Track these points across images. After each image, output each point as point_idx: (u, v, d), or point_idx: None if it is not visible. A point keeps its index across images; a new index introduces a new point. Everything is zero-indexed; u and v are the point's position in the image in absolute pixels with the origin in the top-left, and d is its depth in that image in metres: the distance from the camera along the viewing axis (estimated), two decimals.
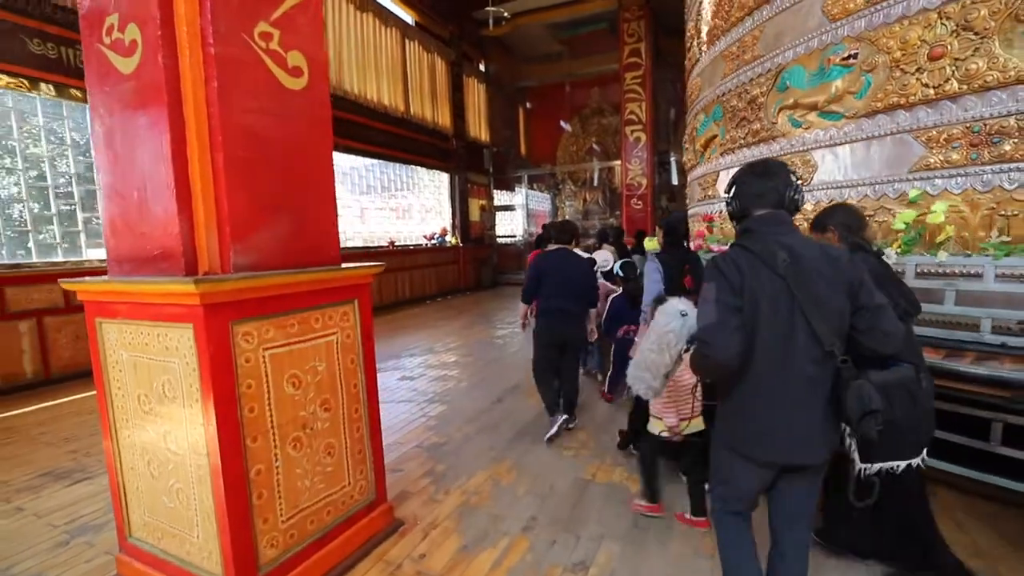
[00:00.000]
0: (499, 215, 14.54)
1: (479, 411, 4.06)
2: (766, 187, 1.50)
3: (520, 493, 2.79)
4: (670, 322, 1.81)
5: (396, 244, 10.47)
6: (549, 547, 2.31)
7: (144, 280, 1.74)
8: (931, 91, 2.90)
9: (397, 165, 10.93)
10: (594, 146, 14.22)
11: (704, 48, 4.98)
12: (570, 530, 2.44)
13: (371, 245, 10.07)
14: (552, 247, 3.71)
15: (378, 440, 2.41)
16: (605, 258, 4.83)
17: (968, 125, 2.76)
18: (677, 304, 1.87)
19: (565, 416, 3.53)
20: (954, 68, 2.80)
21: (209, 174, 1.72)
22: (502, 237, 14.60)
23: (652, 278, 3.00)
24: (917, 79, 2.96)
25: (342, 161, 9.30)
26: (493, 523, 2.51)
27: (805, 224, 2.97)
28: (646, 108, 10.43)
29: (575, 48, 13.90)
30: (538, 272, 3.50)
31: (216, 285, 1.62)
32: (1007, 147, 2.64)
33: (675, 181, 12.29)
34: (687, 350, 1.52)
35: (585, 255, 4.27)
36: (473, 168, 13.11)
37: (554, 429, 3.44)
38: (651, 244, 6.05)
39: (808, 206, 3.44)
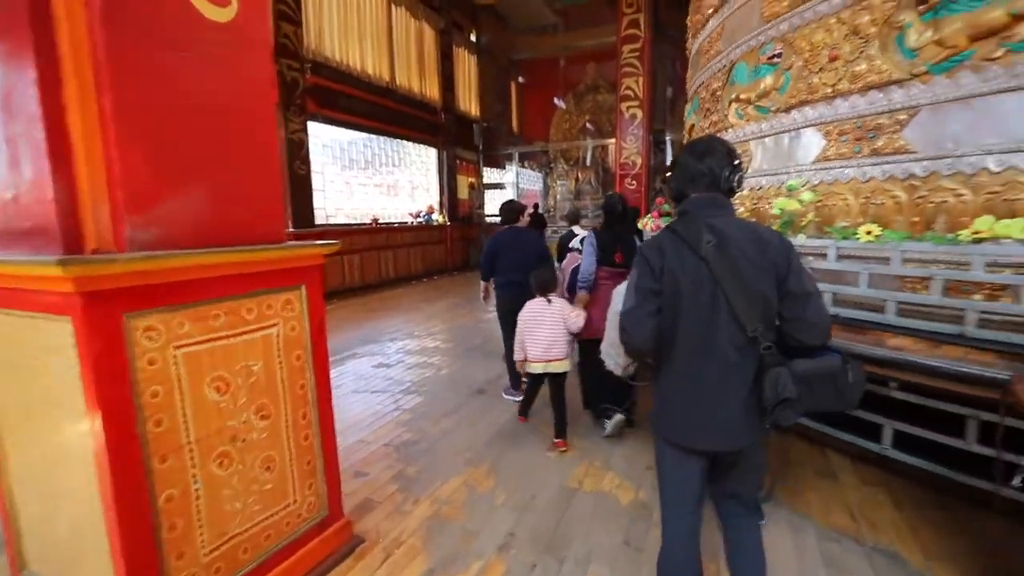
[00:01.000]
0: (488, 193, 14.08)
1: (458, 404, 3.74)
2: (699, 169, 1.45)
3: (498, 503, 2.48)
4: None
5: (380, 222, 10.02)
6: (528, 572, 2.01)
7: (8, 260, 1.36)
8: (829, 89, 3.22)
9: (384, 139, 10.39)
10: (587, 125, 13.72)
11: (692, 40, 5.26)
12: (553, 551, 2.13)
13: (353, 222, 9.61)
14: (504, 227, 3.96)
15: (331, 448, 2.07)
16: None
17: (854, 121, 3.08)
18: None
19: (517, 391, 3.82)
20: (845, 69, 3.11)
21: (95, 124, 1.33)
22: (491, 216, 14.15)
23: (587, 251, 3.20)
24: (819, 78, 3.28)
25: (321, 132, 8.77)
26: (466, 541, 2.20)
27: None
28: (643, 84, 9.95)
29: (571, 19, 13.28)
30: (492, 251, 3.81)
31: (97, 267, 1.25)
32: (880, 142, 2.94)
33: (669, 162, 11.88)
34: None
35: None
36: (462, 143, 12.59)
37: (510, 399, 3.83)
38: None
39: (745, 192, 3.98)
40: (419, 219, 11.11)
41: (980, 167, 2.56)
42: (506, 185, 14.12)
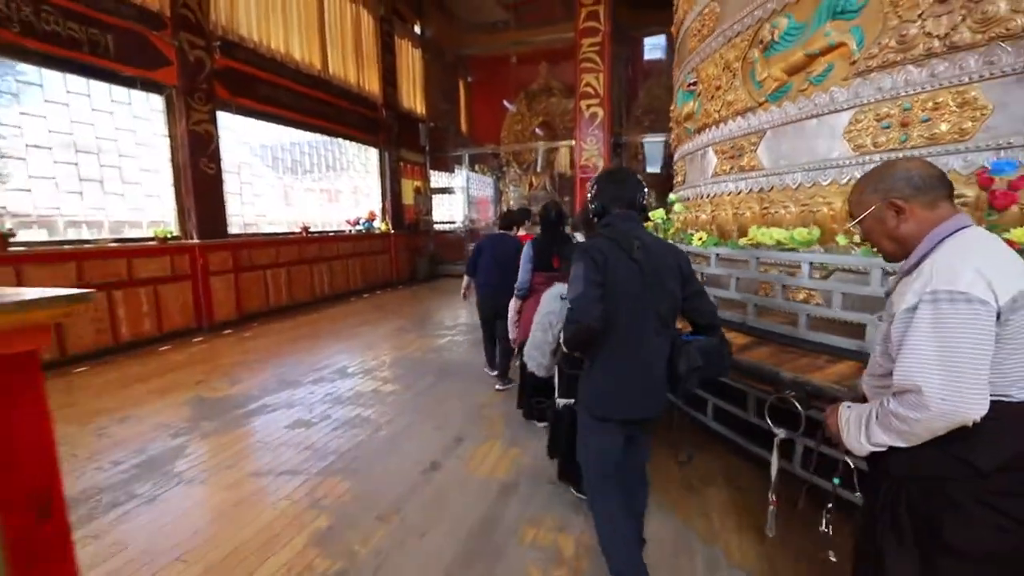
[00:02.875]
0: (436, 199, 12.90)
1: (402, 492, 2.60)
2: (621, 191, 1.80)
3: None
4: (550, 304, 2.06)
5: (312, 230, 8.61)
6: None
7: None
8: (716, 115, 3.59)
9: (316, 137, 9.01)
10: (536, 130, 12.82)
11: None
12: None
13: (280, 231, 8.17)
14: (497, 231, 4.27)
15: None
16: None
17: (730, 142, 3.45)
18: (558, 288, 2.09)
19: (497, 374, 4.19)
20: (723, 98, 3.48)
21: None
22: (440, 223, 12.98)
23: (523, 261, 3.29)
24: (711, 105, 3.68)
25: (237, 126, 7.32)
26: None
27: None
28: (604, 80, 9.15)
29: (523, 17, 12.41)
30: (477, 251, 4.13)
31: None
32: (744, 160, 3.30)
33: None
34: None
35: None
36: (406, 144, 11.36)
37: (494, 378, 4.23)
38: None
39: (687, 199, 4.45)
40: (358, 227, 9.77)
41: (799, 182, 2.88)
42: (456, 190, 12.99)
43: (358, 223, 9.80)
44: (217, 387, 4.29)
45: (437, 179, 12.87)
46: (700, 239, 3.35)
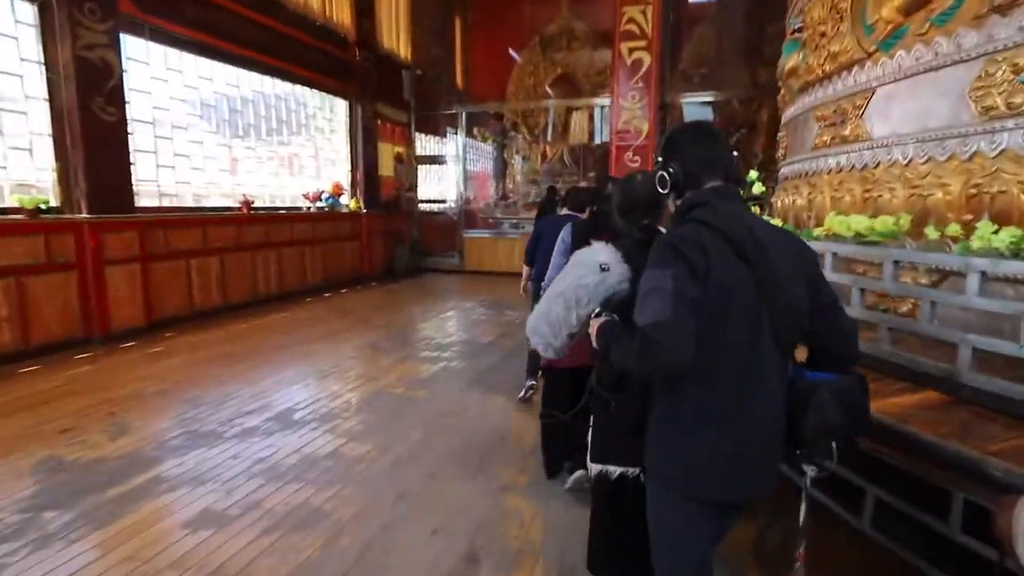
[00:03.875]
0: (423, 170, 11.96)
1: None
2: (715, 154, 1.47)
3: None
4: (585, 275, 1.75)
5: (255, 207, 7.64)
6: None
7: None
8: (820, 71, 3.47)
9: (264, 82, 8.02)
10: (547, 90, 11.87)
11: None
12: None
13: (206, 207, 7.19)
14: (563, 212, 4.05)
15: None
16: None
17: (832, 106, 3.29)
18: (597, 254, 1.79)
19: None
20: (828, 49, 3.33)
21: None
22: (427, 202, 12.03)
23: (557, 248, 3.12)
24: (814, 58, 3.56)
25: (153, 58, 6.29)
26: None
27: None
28: (652, 16, 8.13)
29: None
30: (536, 237, 4.13)
31: None
32: (847, 129, 3.12)
33: (662, 140, 10.36)
34: (598, 314, 1.53)
35: None
36: (386, 96, 10.41)
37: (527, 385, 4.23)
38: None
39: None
40: (319, 204, 8.86)
41: (910, 157, 2.65)
42: (448, 159, 12.02)
43: (319, 198, 8.96)
44: (90, 441, 3.31)
45: (424, 144, 11.97)
46: None
